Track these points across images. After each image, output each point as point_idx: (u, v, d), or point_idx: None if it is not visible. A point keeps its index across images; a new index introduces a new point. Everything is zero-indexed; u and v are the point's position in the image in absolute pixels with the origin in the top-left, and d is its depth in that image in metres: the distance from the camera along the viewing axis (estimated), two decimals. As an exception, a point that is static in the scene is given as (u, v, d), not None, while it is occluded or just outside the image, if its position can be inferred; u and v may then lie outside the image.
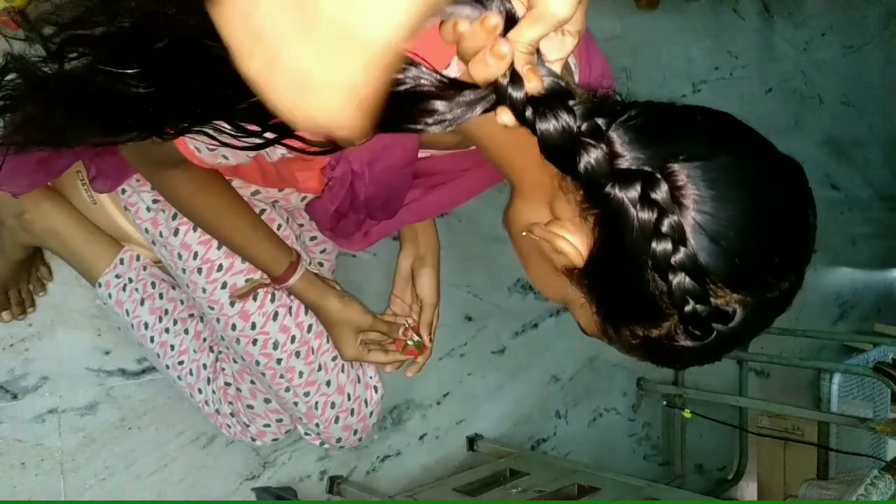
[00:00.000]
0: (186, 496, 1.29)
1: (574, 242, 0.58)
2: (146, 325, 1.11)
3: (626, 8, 2.10)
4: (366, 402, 1.12)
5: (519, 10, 0.46)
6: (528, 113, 0.49)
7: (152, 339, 1.12)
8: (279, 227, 0.99)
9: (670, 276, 0.53)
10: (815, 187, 0.57)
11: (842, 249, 3.07)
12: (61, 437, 1.16)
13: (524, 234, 0.62)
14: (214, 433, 1.30)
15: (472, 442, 1.72)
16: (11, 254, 1.09)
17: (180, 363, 1.13)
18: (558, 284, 0.62)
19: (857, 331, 3.18)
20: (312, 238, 1.12)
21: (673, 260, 0.52)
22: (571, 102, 0.50)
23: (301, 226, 1.10)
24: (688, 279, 0.53)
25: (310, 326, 1.03)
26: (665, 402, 2.17)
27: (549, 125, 0.49)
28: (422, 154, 0.80)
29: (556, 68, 0.50)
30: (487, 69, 0.46)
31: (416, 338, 1.03)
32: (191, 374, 1.13)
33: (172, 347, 1.12)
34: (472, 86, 0.47)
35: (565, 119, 0.49)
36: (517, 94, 0.47)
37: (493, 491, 1.48)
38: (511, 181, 0.65)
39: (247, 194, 0.94)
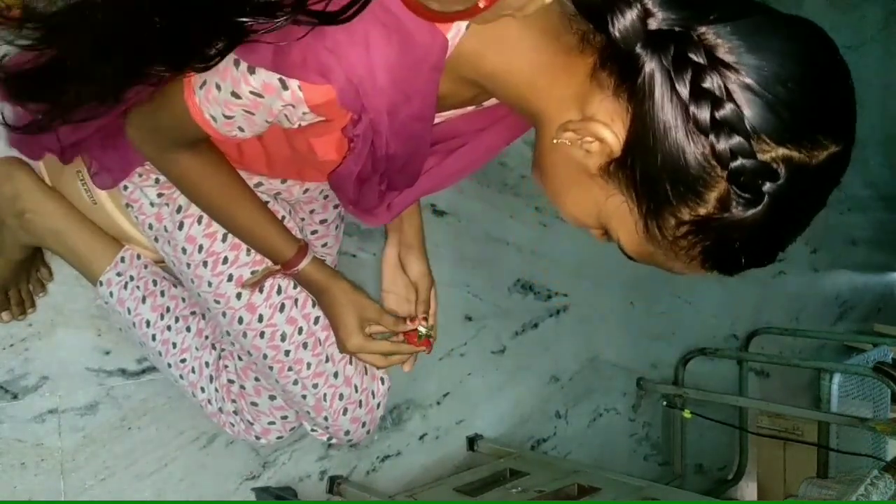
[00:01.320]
0: (186, 496, 1.29)
1: (612, 128, 0.57)
2: (148, 323, 1.11)
3: (626, 8, 2.10)
4: (373, 393, 1.12)
5: None
6: None
7: (154, 338, 1.12)
8: (283, 218, 0.98)
9: (713, 136, 0.52)
10: (815, 187, 0.57)
11: (842, 250, 3.07)
12: (61, 437, 1.16)
13: (555, 141, 0.61)
14: (215, 433, 1.30)
15: (472, 442, 1.72)
16: (11, 254, 1.09)
17: (182, 361, 1.13)
18: (595, 198, 0.61)
19: (857, 331, 3.18)
20: (314, 232, 1.12)
21: (716, 116, 0.51)
22: None
23: (302, 220, 1.09)
24: (732, 135, 0.51)
25: (317, 318, 1.02)
26: (665, 402, 2.17)
27: None
28: (438, 118, 0.79)
29: None
30: None
31: (425, 327, 0.98)
32: (193, 371, 1.13)
33: (174, 345, 1.12)
34: None
35: None
36: None
37: (493, 491, 1.49)
38: (535, 112, 0.64)
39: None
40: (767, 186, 0.53)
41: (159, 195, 0.97)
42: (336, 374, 1.07)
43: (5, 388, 1.12)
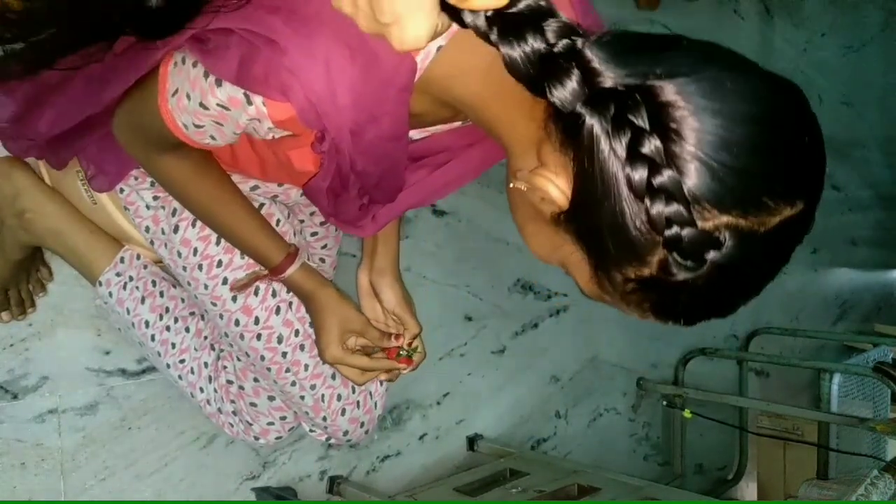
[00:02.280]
0: (186, 496, 1.29)
1: (557, 182, 0.55)
2: (147, 324, 1.11)
3: (626, 8, 2.10)
4: (371, 393, 1.12)
5: None
6: (493, 36, 0.48)
7: (153, 338, 1.12)
8: (278, 222, 0.98)
9: (648, 201, 0.49)
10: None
11: (842, 249, 3.07)
12: (61, 437, 1.16)
13: (511, 185, 0.60)
14: (215, 433, 1.30)
15: (472, 442, 1.72)
16: (11, 253, 1.09)
17: (181, 361, 1.13)
18: (552, 241, 0.60)
19: (857, 331, 3.18)
20: (314, 234, 1.12)
21: (652, 183, 0.49)
22: (546, 22, 0.48)
23: (302, 221, 1.09)
24: (669, 202, 0.49)
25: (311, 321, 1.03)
26: (665, 402, 2.17)
27: (514, 49, 0.48)
28: (421, 133, 0.79)
29: None
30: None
31: (407, 350, 0.97)
32: (192, 372, 1.13)
33: (173, 346, 1.12)
34: None
35: (532, 41, 0.48)
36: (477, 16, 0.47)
37: (493, 491, 1.48)
38: (503, 142, 0.64)
39: (246, 189, 0.94)
40: (711, 254, 0.51)
41: (155, 198, 0.97)
42: (334, 376, 1.07)
43: (5, 388, 1.12)
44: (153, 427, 1.25)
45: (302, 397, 1.07)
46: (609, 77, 0.49)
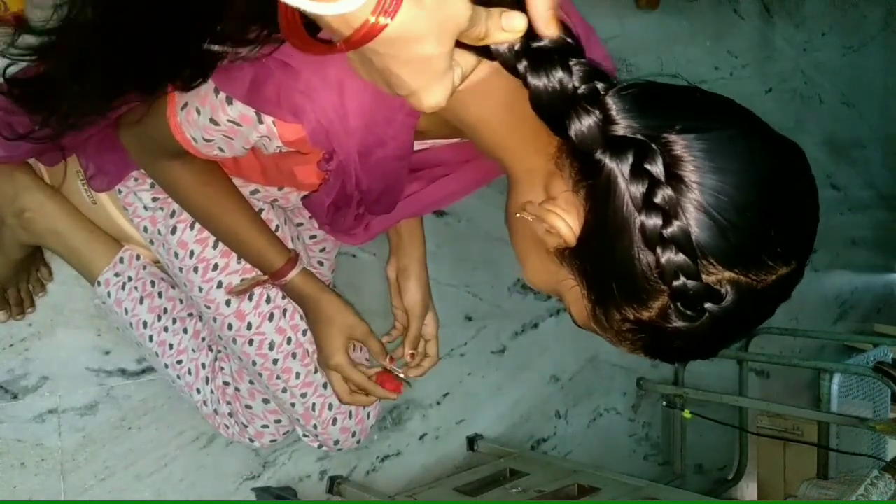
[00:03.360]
0: (186, 496, 1.29)
1: (566, 219, 0.56)
2: (145, 324, 1.11)
3: (626, 8, 2.10)
4: None
5: None
6: (522, 66, 0.49)
7: (151, 338, 1.12)
8: (276, 227, 0.98)
9: (660, 250, 0.51)
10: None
11: (842, 249, 3.07)
12: (61, 437, 1.16)
13: (518, 215, 0.61)
14: (214, 433, 1.30)
15: (472, 442, 1.72)
16: (11, 252, 1.08)
17: (179, 362, 1.13)
18: (551, 271, 0.61)
19: (857, 331, 3.18)
20: (312, 237, 1.12)
21: (664, 233, 0.50)
22: (573, 62, 0.49)
23: (300, 225, 1.09)
24: (678, 253, 0.51)
25: (305, 330, 1.02)
26: (665, 402, 2.17)
27: (541, 81, 0.49)
28: (421, 145, 0.80)
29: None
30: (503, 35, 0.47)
31: (400, 374, 0.97)
32: (189, 373, 1.13)
33: (171, 346, 1.12)
34: None
35: (560, 76, 0.49)
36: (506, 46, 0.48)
37: (493, 491, 1.49)
38: (507, 169, 0.64)
39: (246, 193, 0.94)
40: (710, 306, 0.53)
41: (154, 199, 0.97)
42: (325, 385, 1.06)
43: (5, 388, 1.12)
44: (153, 427, 1.25)
45: (292, 405, 1.06)
46: (627, 126, 0.51)
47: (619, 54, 2.06)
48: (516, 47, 0.48)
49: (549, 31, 0.48)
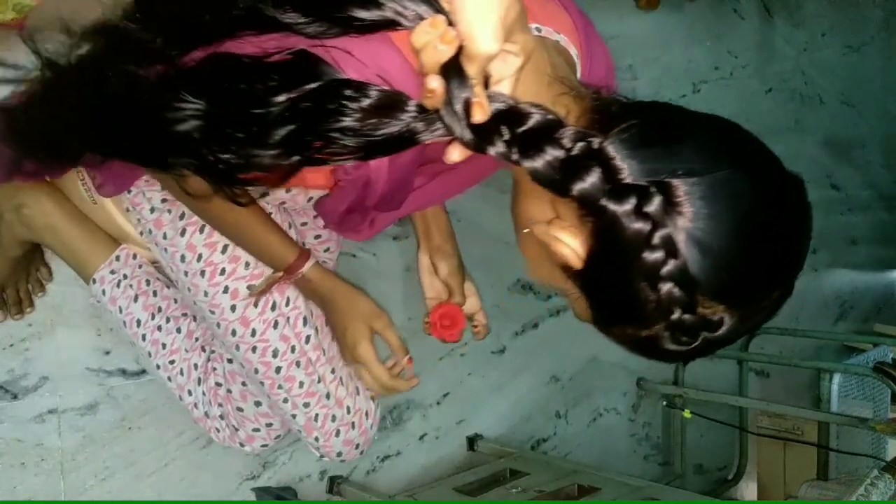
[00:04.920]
0: (186, 496, 1.29)
1: (573, 246, 0.59)
2: (138, 322, 1.11)
3: (626, 8, 2.10)
4: (367, 414, 1.10)
5: None
6: (515, 156, 0.52)
7: (144, 337, 1.11)
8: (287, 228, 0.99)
9: (659, 286, 0.55)
10: (815, 187, 0.58)
11: (842, 249, 3.07)
12: (61, 437, 1.16)
13: (526, 231, 0.63)
14: (214, 433, 1.30)
15: (472, 442, 1.72)
16: (9, 250, 1.08)
17: (171, 362, 1.12)
18: (556, 276, 0.64)
19: (857, 331, 3.18)
20: (317, 237, 1.11)
21: (662, 271, 0.54)
22: (558, 133, 0.52)
23: (304, 224, 1.09)
24: (676, 289, 0.54)
25: (308, 337, 1.02)
26: (665, 402, 2.17)
27: (536, 163, 0.52)
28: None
29: (506, 86, 0.52)
30: (427, 100, 0.51)
31: (407, 373, 1.00)
32: (181, 373, 1.13)
33: (164, 346, 1.12)
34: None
35: (552, 153, 0.52)
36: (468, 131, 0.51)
37: (493, 491, 1.48)
38: (514, 175, 0.66)
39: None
40: (704, 334, 0.57)
41: (163, 200, 0.97)
42: (328, 395, 1.05)
43: (5, 388, 1.12)
44: (153, 427, 1.25)
45: (294, 416, 1.05)
46: (627, 173, 0.53)
47: (619, 54, 2.06)
48: (506, 138, 0.52)
49: (476, 117, 0.50)
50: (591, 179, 0.53)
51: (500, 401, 1.80)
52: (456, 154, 0.54)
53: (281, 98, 0.52)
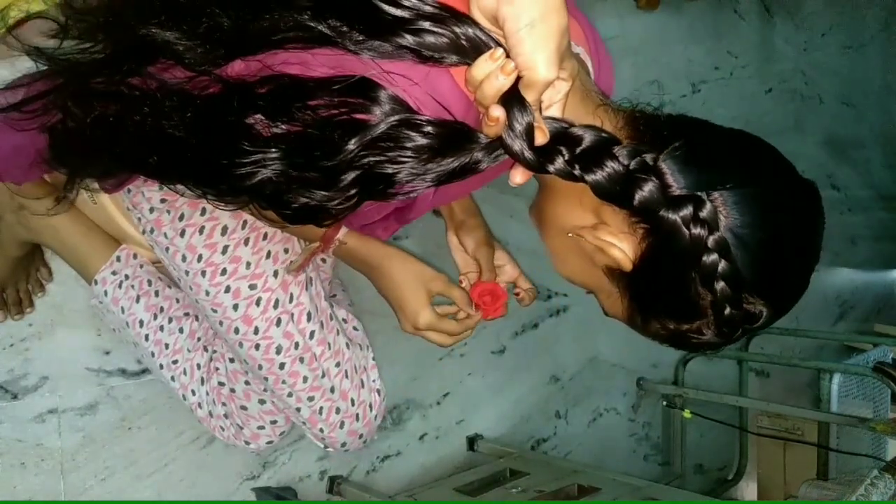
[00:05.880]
0: (186, 496, 1.29)
1: (622, 247, 0.63)
2: (141, 323, 1.11)
3: (626, 8, 2.10)
4: (370, 405, 1.11)
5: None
6: (577, 171, 0.58)
7: (146, 338, 1.11)
8: None
9: (715, 284, 0.60)
10: (816, 187, 0.60)
11: (842, 249, 3.07)
12: (61, 437, 1.16)
13: (570, 235, 0.67)
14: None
15: (472, 442, 1.72)
16: (9, 250, 1.08)
17: (174, 362, 1.12)
18: (593, 276, 0.69)
19: (857, 331, 3.18)
20: None
21: (718, 270, 0.60)
22: (615, 149, 0.58)
23: None
24: (727, 287, 0.60)
25: (312, 333, 1.02)
26: (665, 402, 2.17)
27: (598, 176, 0.58)
28: None
29: (556, 110, 0.58)
30: (489, 129, 0.56)
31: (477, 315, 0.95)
32: (185, 373, 1.13)
33: (167, 346, 1.12)
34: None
35: (612, 166, 0.58)
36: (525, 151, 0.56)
37: (493, 491, 1.48)
38: (549, 190, 0.69)
39: None
40: (745, 326, 0.64)
41: (162, 201, 0.97)
42: (332, 389, 1.06)
43: (5, 388, 1.12)
44: (153, 427, 1.25)
45: (298, 409, 1.06)
46: (680, 186, 0.60)
47: (619, 54, 2.06)
48: (566, 157, 0.57)
49: (539, 140, 0.56)
50: (651, 189, 0.58)
51: (500, 401, 1.80)
52: (519, 177, 0.59)
53: (352, 146, 0.55)
